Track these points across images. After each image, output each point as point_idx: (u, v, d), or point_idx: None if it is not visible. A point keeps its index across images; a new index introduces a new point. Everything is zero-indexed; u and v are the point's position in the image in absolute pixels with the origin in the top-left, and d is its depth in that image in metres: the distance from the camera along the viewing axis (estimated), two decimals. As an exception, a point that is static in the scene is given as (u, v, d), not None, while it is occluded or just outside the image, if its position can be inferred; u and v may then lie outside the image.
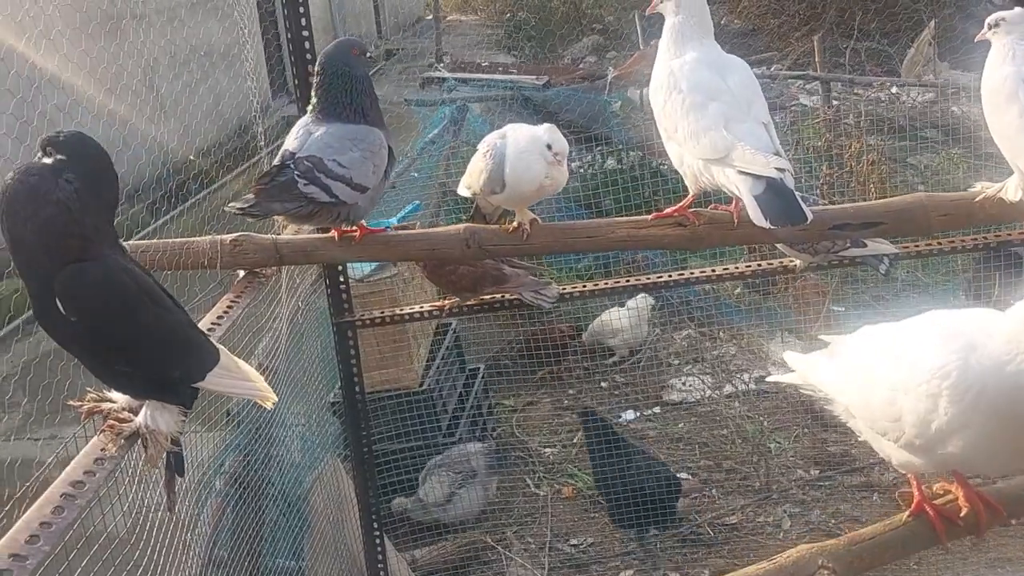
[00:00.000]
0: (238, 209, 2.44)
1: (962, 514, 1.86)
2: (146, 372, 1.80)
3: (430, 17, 18.86)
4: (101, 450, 1.74)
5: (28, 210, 1.65)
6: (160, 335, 1.79)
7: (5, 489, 3.38)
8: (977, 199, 2.55)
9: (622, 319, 6.22)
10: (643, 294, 6.20)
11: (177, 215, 7.93)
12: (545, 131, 2.67)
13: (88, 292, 1.69)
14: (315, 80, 2.58)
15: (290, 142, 2.55)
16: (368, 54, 2.63)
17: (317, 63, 2.60)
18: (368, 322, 3.67)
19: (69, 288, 1.67)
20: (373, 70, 16.09)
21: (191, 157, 8.31)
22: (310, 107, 2.62)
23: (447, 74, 11.57)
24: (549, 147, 2.63)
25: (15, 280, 5.88)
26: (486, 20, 20.33)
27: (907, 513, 1.90)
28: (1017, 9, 2.45)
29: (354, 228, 2.68)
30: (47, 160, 1.72)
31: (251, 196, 2.45)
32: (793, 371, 2.12)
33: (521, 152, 2.66)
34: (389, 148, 2.62)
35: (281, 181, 2.44)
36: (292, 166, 2.46)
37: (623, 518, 4.82)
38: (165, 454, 1.88)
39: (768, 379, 2.40)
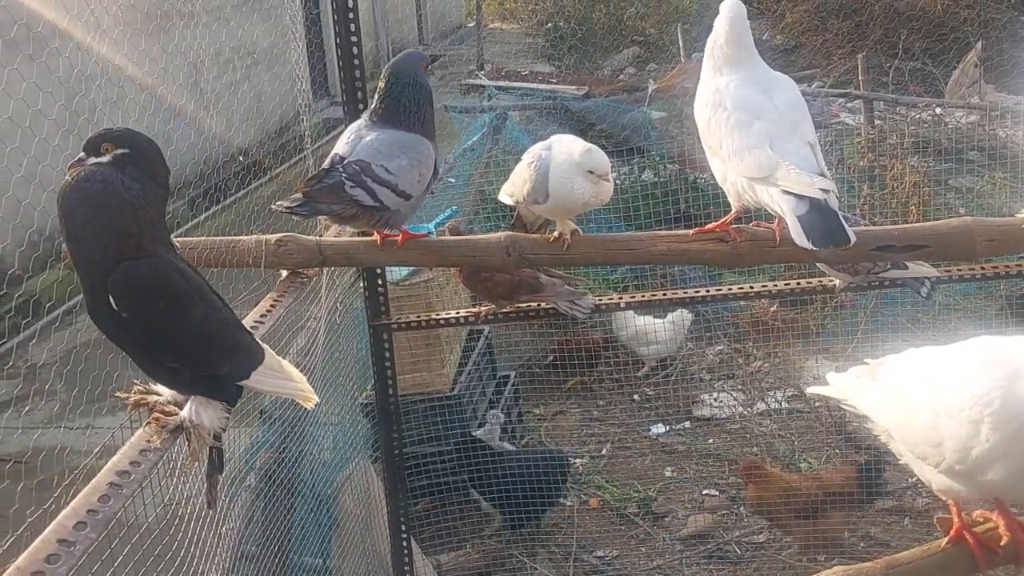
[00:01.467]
0: (286, 208, 2.48)
1: (1002, 543, 1.84)
2: (193, 369, 1.83)
3: (472, 24, 18.96)
4: (147, 442, 1.77)
5: (92, 210, 1.69)
6: (208, 334, 1.83)
7: (38, 476, 3.45)
8: (1024, 225, 2.52)
9: (660, 331, 6.21)
10: (683, 309, 6.21)
11: (218, 212, 8.03)
12: (582, 154, 2.65)
13: (140, 290, 1.72)
14: (381, 85, 2.63)
15: (340, 147, 2.60)
16: (431, 69, 2.68)
17: (386, 70, 2.64)
18: (404, 325, 3.70)
19: (122, 286, 1.71)
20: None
21: (240, 157, 8.41)
22: (369, 110, 2.66)
23: (487, 82, 11.61)
24: (591, 172, 2.64)
25: (56, 271, 6.00)
26: (527, 29, 20.38)
27: (946, 539, 1.88)
28: None
29: (396, 232, 2.71)
30: (106, 158, 1.75)
31: (299, 196, 2.49)
32: (832, 387, 2.10)
33: (564, 170, 2.66)
34: (435, 162, 2.65)
35: (329, 183, 2.48)
36: (341, 169, 2.50)
37: (518, 516, 4.89)
38: (207, 449, 1.91)
39: (808, 390, 2.39)
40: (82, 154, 1.76)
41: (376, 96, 2.64)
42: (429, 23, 20.89)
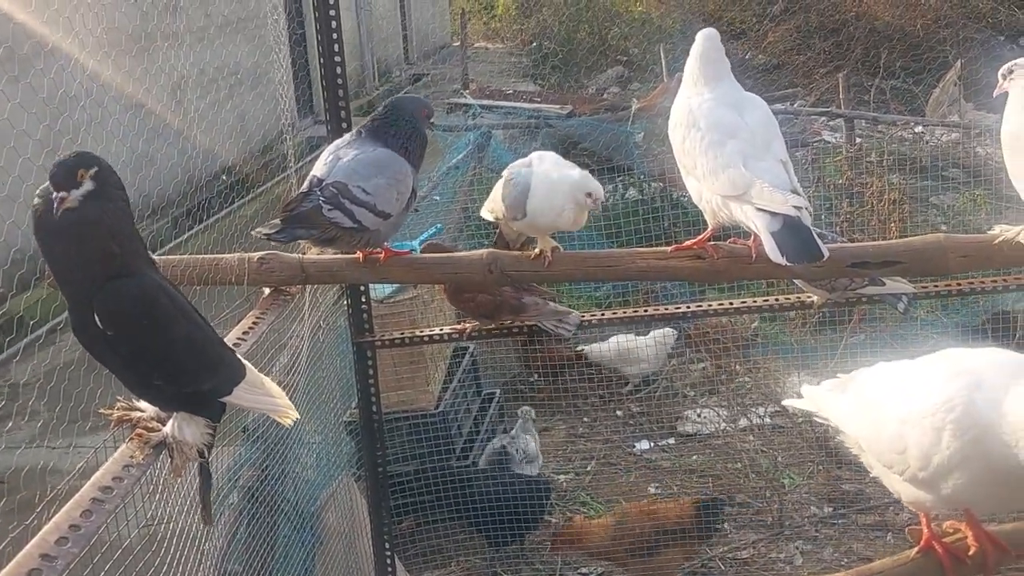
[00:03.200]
0: (264, 234, 2.50)
1: (970, 553, 1.87)
2: (177, 386, 1.85)
3: (457, 44, 19.07)
4: (130, 457, 1.79)
5: (73, 234, 1.70)
6: (192, 351, 1.85)
7: (21, 493, 3.44)
8: (996, 242, 2.57)
9: (644, 349, 6.25)
10: (668, 328, 6.24)
11: (201, 230, 8.02)
12: (582, 177, 2.70)
13: (126, 310, 1.74)
14: (378, 111, 2.66)
15: (318, 168, 2.61)
16: (432, 119, 2.71)
17: (387, 104, 2.68)
18: (388, 343, 3.72)
19: (107, 306, 1.73)
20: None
21: (223, 175, 8.43)
22: (357, 128, 2.69)
23: (472, 100, 11.66)
24: (589, 195, 2.68)
25: (39, 290, 5.98)
26: (512, 48, 20.52)
27: (916, 549, 1.91)
28: None
29: (379, 250, 2.73)
30: (88, 185, 1.72)
31: (277, 222, 2.51)
32: (806, 399, 2.14)
33: (550, 189, 2.70)
34: (414, 181, 2.68)
35: (307, 208, 2.50)
36: (318, 192, 2.52)
37: (498, 536, 4.87)
38: (198, 466, 1.93)
39: (783, 402, 2.42)
40: (62, 193, 1.69)
41: (370, 118, 2.67)
42: (414, 42, 20.99)
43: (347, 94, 3.46)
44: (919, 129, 10.75)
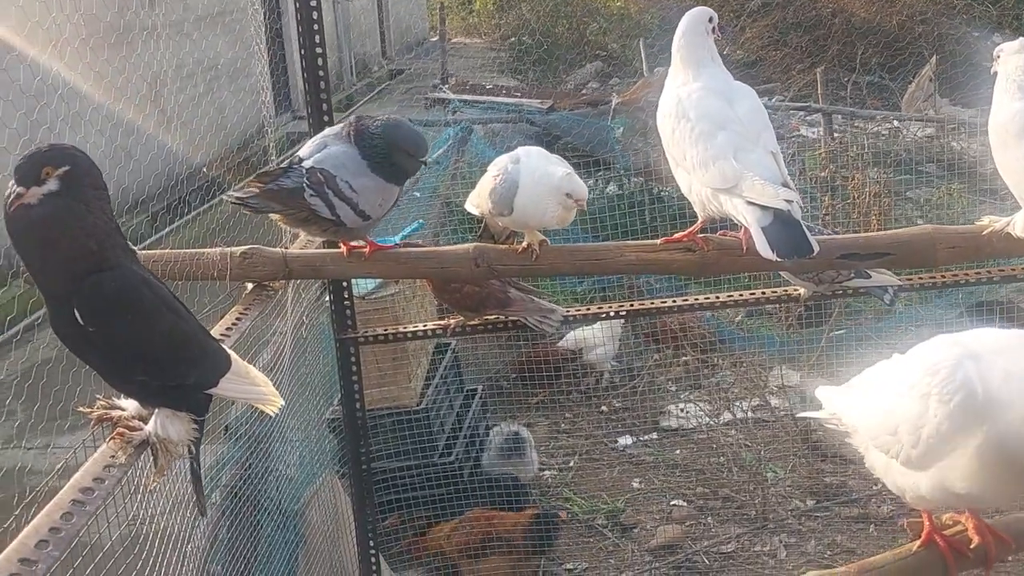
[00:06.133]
0: (236, 198, 2.44)
1: (972, 546, 1.85)
2: (161, 380, 1.80)
3: (435, 39, 18.97)
4: (111, 457, 1.74)
5: (49, 248, 1.64)
6: (176, 344, 1.80)
7: None
8: (984, 233, 2.56)
9: (598, 336, 6.27)
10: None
11: (178, 227, 7.93)
12: (562, 179, 2.65)
13: (108, 305, 1.69)
14: (374, 128, 2.57)
15: (304, 150, 2.55)
16: (423, 159, 2.63)
17: (383, 134, 2.57)
18: (371, 339, 3.68)
19: (89, 302, 1.67)
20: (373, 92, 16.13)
21: (203, 169, 8.33)
22: (350, 129, 2.60)
23: (452, 96, 11.59)
24: (570, 195, 2.64)
25: (13, 288, 5.87)
26: (491, 43, 20.44)
27: (917, 543, 1.89)
28: (1020, 39, 2.47)
29: (363, 244, 2.69)
30: (52, 185, 1.65)
31: (253, 190, 2.44)
32: (823, 408, 2.08)
33: (536, 192, 2.65)
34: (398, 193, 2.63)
35: (288, 187, 2.43)
36: (304, 174, 2.45)
37: None
38: (189, 460, 1.88)
39: (798, 415, 2.39)
40: (20, 189, 1.63)
41: (365, 129, 2.58)
42: (392, 37, 20.87)
43: (329, 88, 3.41)
44: (895, 124, 10.83)
